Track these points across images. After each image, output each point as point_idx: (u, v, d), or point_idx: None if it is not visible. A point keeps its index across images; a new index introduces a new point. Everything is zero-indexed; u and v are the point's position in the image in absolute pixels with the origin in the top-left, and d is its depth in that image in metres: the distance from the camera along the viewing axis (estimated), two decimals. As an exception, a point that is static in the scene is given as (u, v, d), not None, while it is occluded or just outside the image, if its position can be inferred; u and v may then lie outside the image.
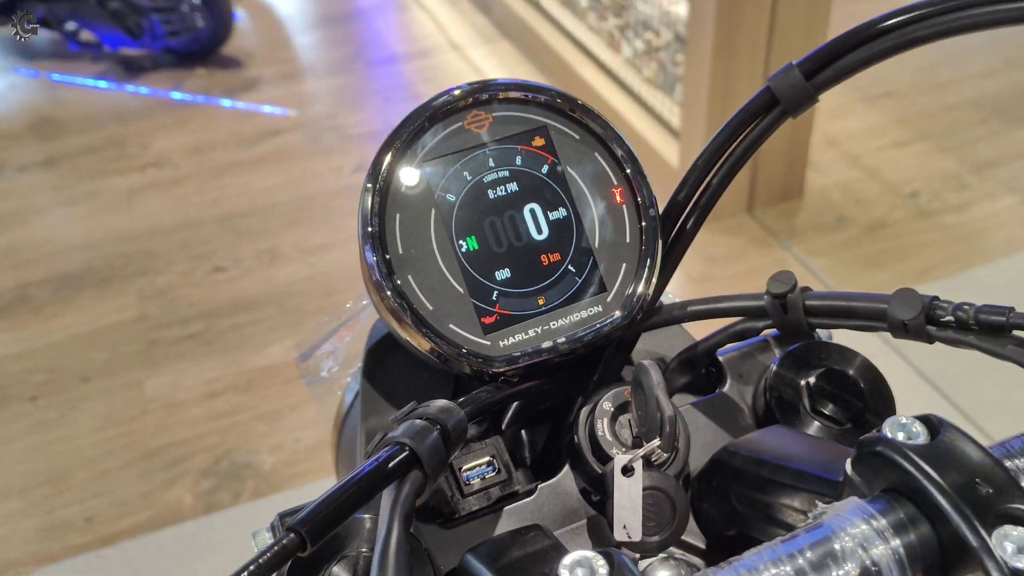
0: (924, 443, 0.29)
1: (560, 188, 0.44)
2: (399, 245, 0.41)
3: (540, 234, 0.44)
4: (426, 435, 0.34)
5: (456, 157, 0.43)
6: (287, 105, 3.13)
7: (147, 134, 3.03)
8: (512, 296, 0.43)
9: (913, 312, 0.37)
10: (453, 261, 0.42)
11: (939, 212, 2.36)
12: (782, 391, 0.44)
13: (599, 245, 0.44)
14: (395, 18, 3.91)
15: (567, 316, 0.43)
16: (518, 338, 0.42)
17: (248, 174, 2.76)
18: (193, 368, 2.07)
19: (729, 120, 0.45)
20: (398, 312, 0.41)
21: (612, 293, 0.44)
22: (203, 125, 3.06)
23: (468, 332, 0.42)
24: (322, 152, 2.84)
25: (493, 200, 0.43)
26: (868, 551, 0.28)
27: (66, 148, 3.01)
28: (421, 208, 0.42)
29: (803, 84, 0.43)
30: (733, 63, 2.10)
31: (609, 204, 0.45)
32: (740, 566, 0.28)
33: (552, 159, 0.44)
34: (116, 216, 2.63)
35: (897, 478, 0.29)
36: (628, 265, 0.44)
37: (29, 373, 2.12)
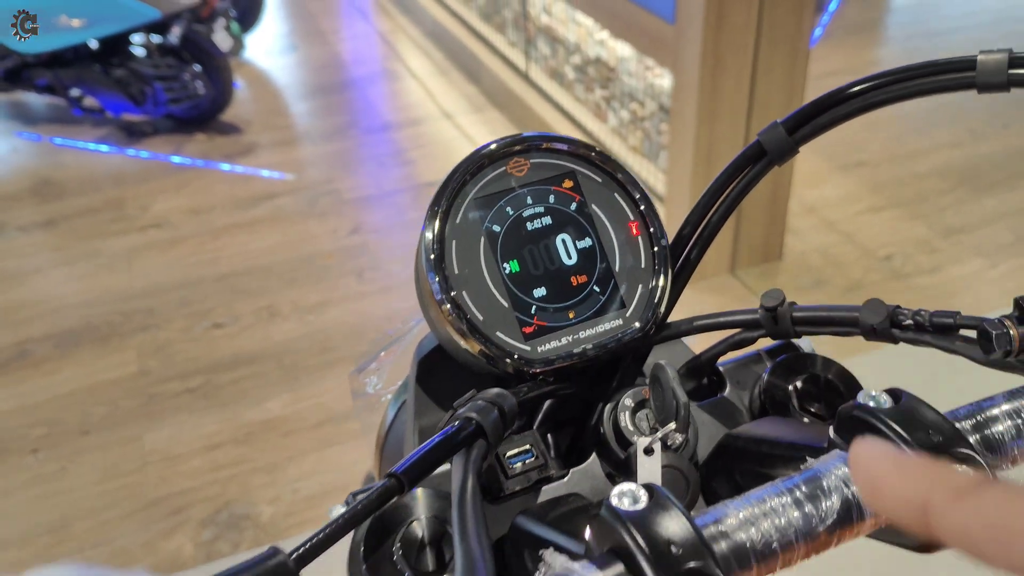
0: (890, 407, 0.38)
1: (586, 222, 0.53)
2: (455, 266, 0.49)
3: (570, 259, 0.52)
4: (488, 412, 0.42)
5: (500, 195, 0.51)
6: (284, 170, 3.23)
7: (147, 196, 3.12)
8: (547, 310, 0.51)
9: (880, 318, 0.45)
10: (499, 280, 0.50)
11: (912, 274, 2.47)
12: (774, 393, 0.52)
13: (619, 269, 0.52)
14: (387, 88, 4.06)
15: (593, 327, 0.51)
16: (553, 345, 0.50)
17: (246, 235, 2.84)
18: (192, 421, 2.12)
19: (725, 168, 0.54)
20: (455, 322, 0.48)
21: (631, 309, 0.52)
22: (202, 188, 3.15)
23: (512, 339, 0.49)
24: (318, 215, 2.93)
25: (531, 231, 0.51)
26: (850, 487, 0.36)
27: (66, 209, 3.09)
28: (472, 236, 0.50)
29: (786, 138, 0.52)
30: (715, 131, 2.22)
31: (627, 236, 0.53)
32: (750, 496, 0.35)
33: (579, 198, 0.53)
34: (115, 275, 2.69)
35: (871, 433, 0.37)
36: (643, 286, 0.53)
37: (29, 427, 2.15)
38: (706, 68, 2.13)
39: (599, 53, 2.85)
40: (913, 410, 0.37)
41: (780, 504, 0.35)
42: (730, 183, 0.54)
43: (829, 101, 0.51)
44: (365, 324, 2.40)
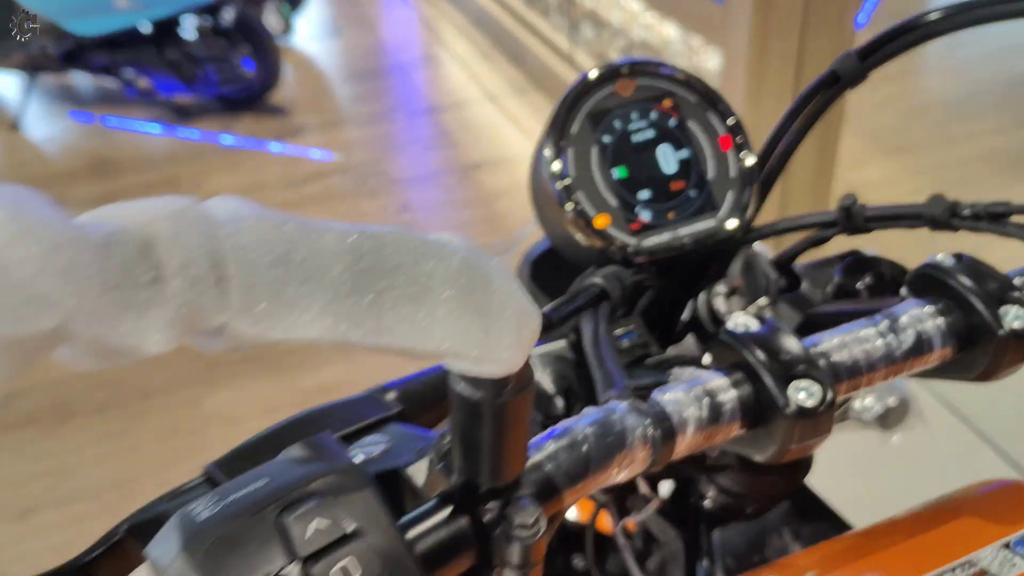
0: (955, 264, 0.45)
1: (684, 136, 0.59)
2: (572, 170, 0.55)
3: (670, 168, 0.58)
4: (611, 280, 0.49)
5: (610, 112, 0.58)
6: (332, 150, 3.30)
7: (199, 175, 3.21)
8: (650, 211, 0.57)
9: (941, 209, 0.51)
10: (609, 184, 0.56)
11: (955, 256, 2.49)
12: (845, 288, 0.59)
13: (712, 177, 0.59)
14: (430, 72, 4.13)
15: (690, 227, 0.58)
16: (655, 240, 0.57)
17: (298, 212, 2.92)
18: (251, 387, 2.20)
19: (802, 92, 0.60)
20: (575, 220, 0.54)
21: (722, 211, 0.58)
22: (253, 167, 3.24)
23: (621, 233, 0.56)
24: (367, 194, 3.00)
25: (636, 143, 0.58)
26: (922, 324, 0.44)
27: (123, 186, 3.18)
28: (586, 147, 0.56)
29: (858, 64, 0.58)
30: (761, 112, 2.26)
31: (718, 149, 0.59)
32: (843, 328, 0.43)
33: (677, 115, 0.59)
34: (172, 248, 2.78)
35: (940, 287, 0.45)
36: (733, 193, 0.59)
37: (93, 389, 2.25)
38: (754, 49, 2.17)
39: (645, 35, 2.89)
40: (975, 265, 0.45)
41: (866, 335, 0.43)
42: (805, 106, 0.60)
43: (898, 30, 0.56)
44: (415, 297, 2.47)
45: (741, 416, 0.39)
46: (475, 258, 0.26)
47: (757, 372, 0.38)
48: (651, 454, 0.36)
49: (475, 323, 0.25)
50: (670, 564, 0.62)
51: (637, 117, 0.58)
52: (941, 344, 0.44)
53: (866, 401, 0.84)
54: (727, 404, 0.39)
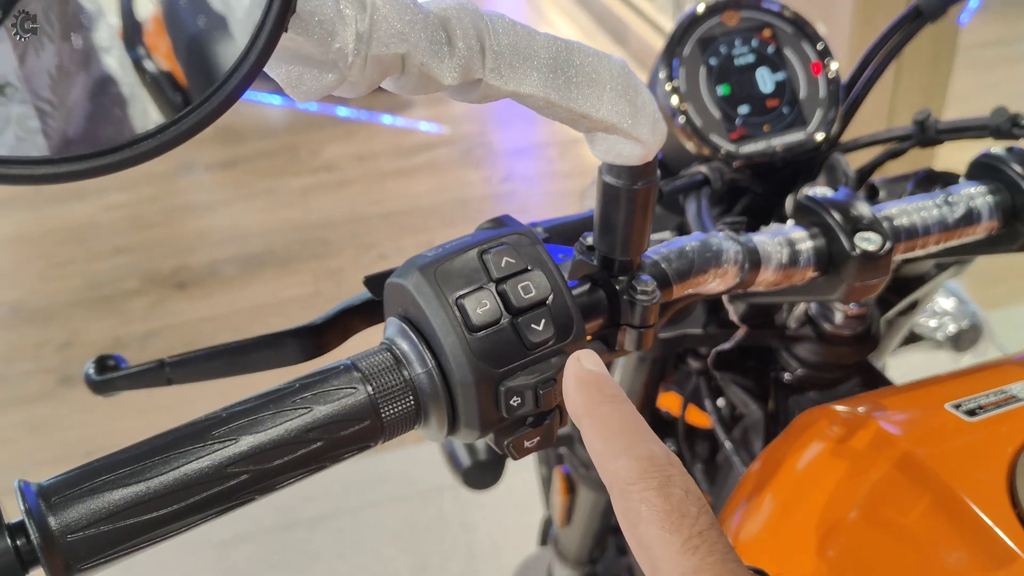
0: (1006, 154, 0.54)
1: (780, 61, 0.69)
2: (684, 86, 0.66)
3: (767, 87, 0.68)
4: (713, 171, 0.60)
5: (717, 38, 0.68)
6: (440, 123, 3.46)
7: (317, 143, 3.41)
8: (749, 123, 0.67)
9: (1004, 120, 0.60)
10: (714, 99, 0.67)
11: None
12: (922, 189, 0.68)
13: (804, 97, 0.69)
14: (535, 53, 4.24)
15: (783, 138, 0.68)
16: (751, 147, 0.67)
17: (407, 180, 3.09)
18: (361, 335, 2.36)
19: (886, 29, 0.69)
20: (684, 127, 0.65)
21: (811, 126, 0.68)
22: (366, 137, 3.42)
23: (722, 141, 0.66)
24: (473, 164, 3.14)
25: (739, 65, 0.68)
26: (974, 200, 0.53)
27: (246, 152, 3.41)
28: (695, 65, 0.67)
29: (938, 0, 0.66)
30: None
31: (810, 73, 0.69)
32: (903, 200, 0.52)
33: (776, 43, 0.69)
34: (291, 210, 2.99)
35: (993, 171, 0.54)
36: (822, 110, 0.68)
37: (220, 333, 2.45)
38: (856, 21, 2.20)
39: (749, 15, 2.94)
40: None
41: (924, 205, 0.53)
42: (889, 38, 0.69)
43: None
44: (516, 260, 2.60)
45: (815, 262, 0.50)
46: (630, 72, 0.37)
47: (830, 226, 0.48)
48: (739, 275, 0.47)
49: (628, 108, 0.37)
50: (752, 433, 0.72)
51: (740, 43, 0.68)
52: (988, 217, 0.53)
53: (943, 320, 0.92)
54: (804, 252, 0.50)
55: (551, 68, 0.35)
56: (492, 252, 0.38)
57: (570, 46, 0.36)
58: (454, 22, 0.33)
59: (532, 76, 0.35)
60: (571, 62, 0.36)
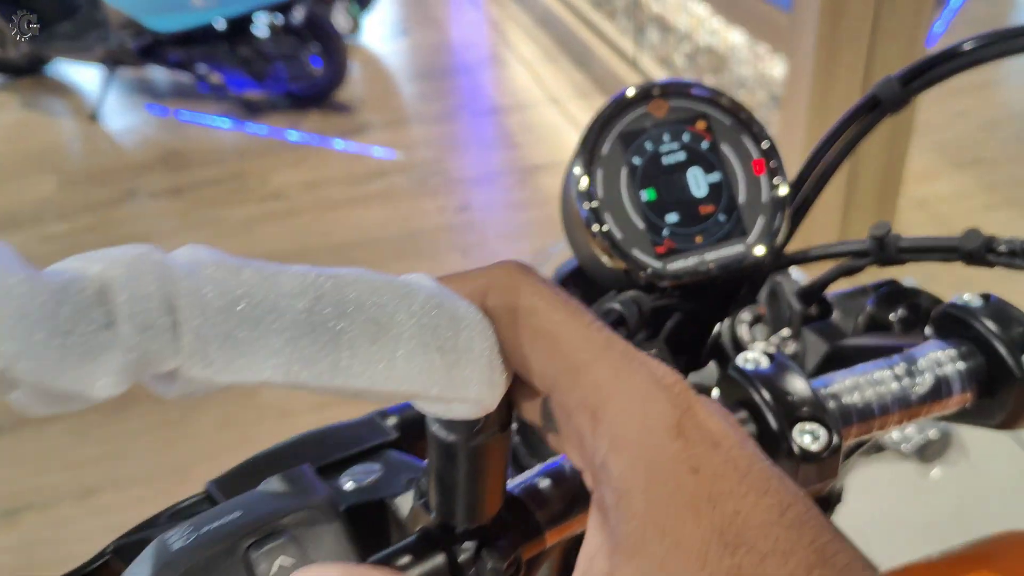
0: (982, 305, 0.43)
1: (715, 159, 0.58)
2: (600, 192, 0.55)
3: (700, 191, 0.58)
4: (629, 306, 0.48)
5: (641, 132, 0.57)
6: (395, 148, 3.34)
7: (266, 170, 3.28)
8: (678, 234, 0.57)
9: (977, 244, 0.50)
10: (637, 206, 0.56)
11: None
12: (877, 319, 0.58)
13: (743, 202, 0.58)
14: (495, 73, 4.15)
15: (717, 251, 0.57)
16: (681, 264, 0.56)
17: (359, 210, 2.97)
18: (305, 381, 2.24)
19: (841, 117, 0.58)
20: (601, 242, 0.54)
21: (751, 237, 0.58)
22: (317, 164, 3.30)
23: (646, 257, 0.56)
24: (428, 193, 3.03)
25: (667, 165, 0.57)
26: (941, 368, 0.42)
27: (192, 179, 3.27)
28: (615, 168, 0.56)
29: (899, 89, 0.56)
30: (827, 122, 2.21)
31: (750, 173, 0.59)
32: (856, 369, 0.41)
33: (710, 137, 0.59)
34: (236, 241, 2.85)
35: (963, 329, 0.43)
36: (764, 218, 0.58)
37: (156, 377, 2.31)
38: (820, 58, 2.12)
39: (710, 41, 2.86)
40: (1001, 308, 0.43)
41: (882, 377, 0.42)
42: (843, 132, 0.59)
43: (941, 56, 0.55)
44: (469, 298, 2.49)
45: None
46: (441, 296, 0.25)
47: (762, 412, 0.38)
48: None
49: (438, 362, 0.24)
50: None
51: (669, 139, 0.58)
52: (960, 388, 0.42)
53: (906, 431, 0.82)
54: None
55: (303, 331, 0.23)
56: (264, 549, 0.27)
57: (340, 282, 0.24)
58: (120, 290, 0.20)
59: (264, 352, 0.22)
60: (338, 309, 0.24)
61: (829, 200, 2.32)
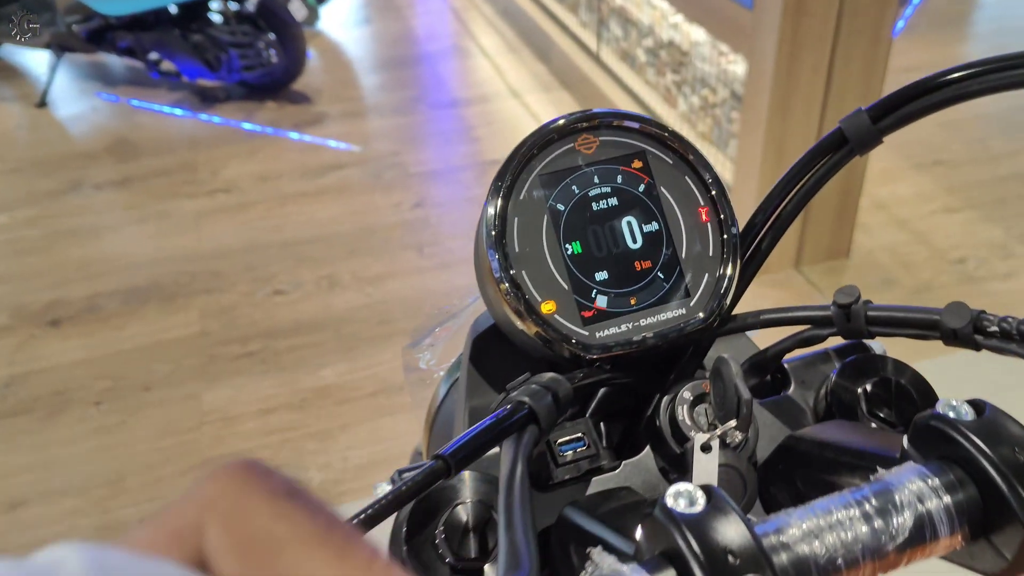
0: (972, 419, 0.35)
1: (654, 205, 0.51)
2: (516, 244, 0.49)
3: (635, 243, 0.51)
4: (542, 397, 0.41)
5: (567, 173, 0.50)
6: (351, 141, 3.25)
7: (218, 161, 3.17)
8: (609, 295, 0.50)
9: (963, 322, 0.43)
10: (560, 261, 0.49)
11: (985, 279, 2.39)
12: (842, 395, 0.50)
13: (686, 256, 0.51)
14: (457, 64, 4.06)
15: (655, 315, 0.50)
16: (612, 331, 0.49)
17: (312, 204, 2.88)
18: (250, 384, 2.16)
19: (802, 156, 0.52)
20: (513, 302, 0.48)
21: (695, 299, 0.51)
22: (271, 155, 3.20)
23: (570, 323, 0.48)
24: (383, 187, 2.95)
25: (596, 211, 0.50)
26: (924, 503, 0.33)
27: (140, 170, 3.16)
28: (536, 214, 0.49)
29: (870, 126, 0.50)
30: (788, 123, 2.17)
31: (696, 221, 0.52)
32: (814, 506, 0.33)
33: (648, 179, 0.52)
34: (184, 236, 2.75)
35: (950, 448, 0.34)
36: (710, 276, 0.51)
37: (94, 379, 2.22)
38: (782, 56, 2.07)
39: (672, 36, 2.80)
40: (998, 423, 0.35)
41: (847, 517, 0.33)
42: (807, 172, 0.52)
43: (918, 89, 0.48)
44: (423, 298, 2.42)
45: None
46: None
47: (691, 569, 0.30)
48: None
49: None
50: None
51: (599, 181, 0.51)
52: (948, 530, 0.34)
53: None
54: None
55: None
56: None
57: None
58: None
59: None
60: None
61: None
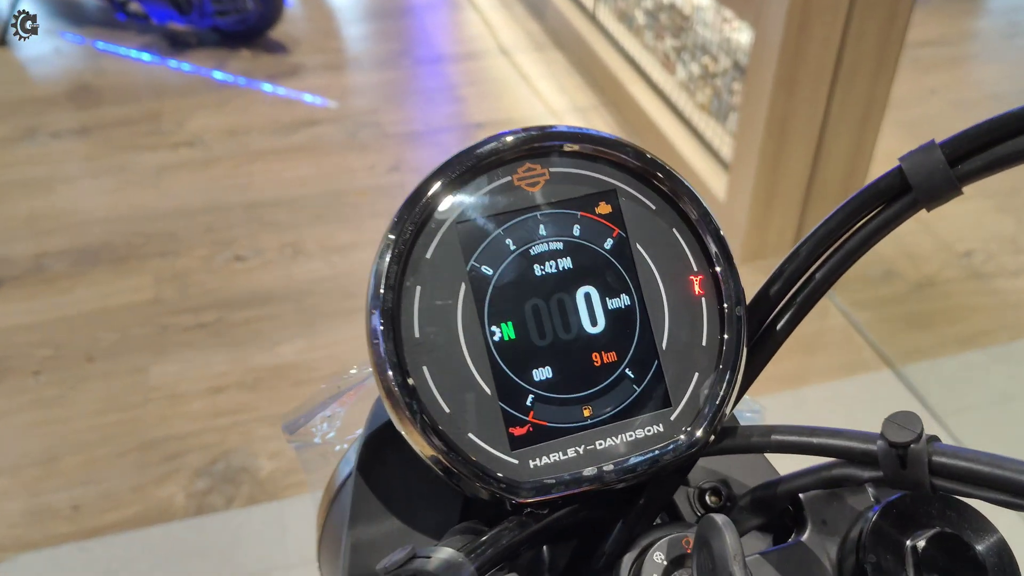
0: None
1: (625, 270, 0.35)
2: (415, 326, 0.32)
3: (595, 326, 0.34)
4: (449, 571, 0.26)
5: (499, 220, 0.34)
6: (328, 96, 3.06)
7: (184, 111, 2.98)
8: (552, 403, 0.33)
9: None
10: (482, 352, 0.33)
11: (993, 275, 2.24)
12: (879, 554, 0.35)
13: (667, 347, 0.35)
14: (447, 17, 3.85)
15: (619, 435, 0.34)
16: (554, 459, 0.33)
17: (280, 163, 2.70)
18: (201, 359, 2.00)
19: (844, 203, 0.36)
20: (402, 411, 0.32)
21: (678, 410, 0.35)
22: (241, 108, 3.01)
23: (491, 445, 0.32)
24: (358, 148, 2.77)
25: (540, 278, 0.34)
26: None
27: (101, 118, 2.96)
28: (449, 281, 0.33)
29: (946, 171, 0.34)
30: (793, 98, 2.00)
31: (685, 295, 0.35)
32: None
33: (618, 232, 0.35)
34: (142, 192, 2.57)
35: None
36: (701, 375, 0.35)
37: (35, 346, 2.06)
38: (791, 26, 1.90)
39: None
40: None
41: None
42: (848, 225, 0.36)
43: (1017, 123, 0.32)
44: (393, 272, 2.26)
45: None
46: None
47: None
48: None
49: None
50: None
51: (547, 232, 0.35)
52: None
53: None
54: None
55: None
56: None
57: None
58: None
59: None
60: None
61: (786, 186, 2.12)
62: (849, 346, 2.02)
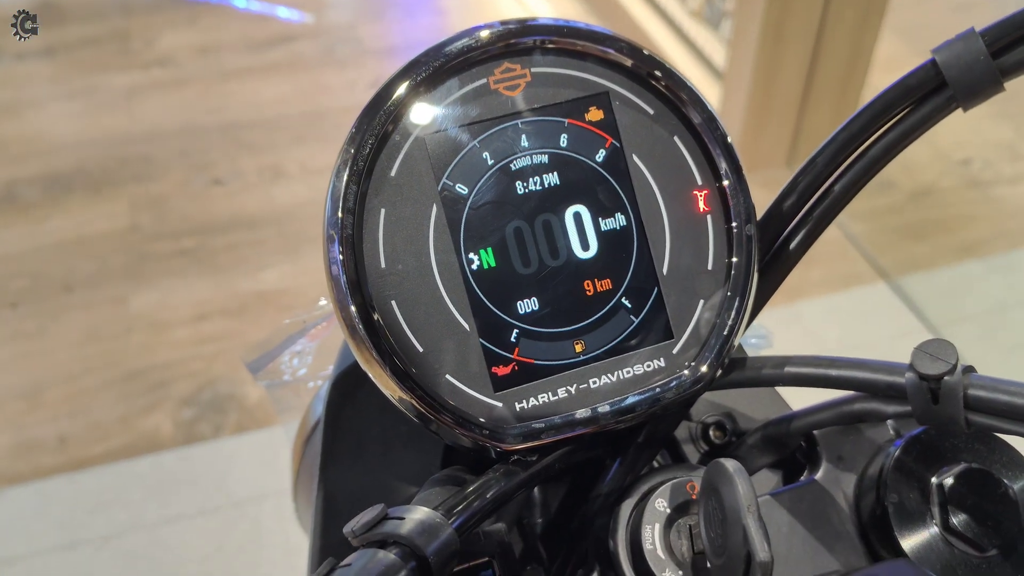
0: None
1: (620, 185, 0.30)
2: (380, 255, 0.28)
3: (586, 251, 0.30)
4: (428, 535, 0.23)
5: (474, 130, 0.29)
6: (304, 9, 2.94)
7: (154, 29, 2.86)
8: (539, 338, 0.29)
9: None
10: (458, 283, 0.29)
11: (991, 183, 2.20)
12: (902, 493, 0.31)
13: (668, 272, 0.30)
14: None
15: (614, 372, 0.30)
16: (542, 400, 0.29)
17: (256, 81, 2.60)
18: (182, 286, 1.96)
19: (868, 104, 0.31)
20: (368, 350, 0.27)
21: (681, 342, 0.30)
22: (213, 24, 2.88)
23: (471, 387, 0.28)
24: (336, 64, 2.67)
25: (523, 197, 0.29)
26: None
27: (68, 38, 2.84)
28: (418, 202, 0.29)
29: (987, 62, 0.29)
30: (789, 2, 1.91)
31: (688, 213, 0.31)
32: None
33: (612, 142, 0.30)
34: (114, 115, 2.48)
35: None
36: (707, 302, 0.31)
37: (11, 278, 2.01)
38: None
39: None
40: None
41: None
42: (872, 127, 0.31)
43: None
44: (377, 192, 2.20)
45: None
46: None
47: None
48: None
49: None
50: None
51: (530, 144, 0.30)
52: None
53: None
54: None
55: None
56: None
57: None
58: None
59: None
60: None
61: (781, 94, 2.05)
62: (845, 258, 1.98)
